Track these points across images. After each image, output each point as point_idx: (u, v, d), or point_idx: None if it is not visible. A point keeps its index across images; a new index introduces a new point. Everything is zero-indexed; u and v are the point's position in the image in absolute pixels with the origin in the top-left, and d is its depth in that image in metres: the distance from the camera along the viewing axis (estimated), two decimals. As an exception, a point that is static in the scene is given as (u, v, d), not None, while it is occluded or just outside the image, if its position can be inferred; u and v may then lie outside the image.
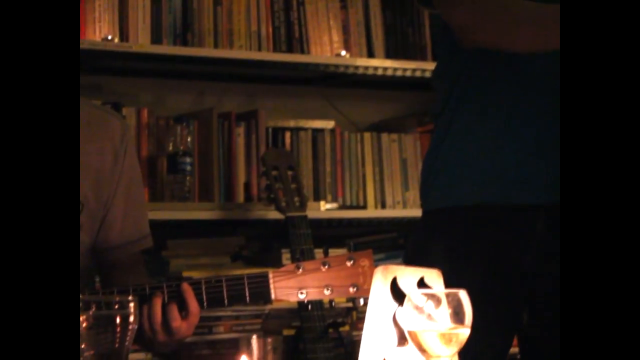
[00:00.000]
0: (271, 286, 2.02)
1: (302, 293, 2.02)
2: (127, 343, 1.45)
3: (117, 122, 2.30)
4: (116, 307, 1.44)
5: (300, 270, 2.02)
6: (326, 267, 2.03)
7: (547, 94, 2.10)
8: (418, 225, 2.33)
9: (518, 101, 2.15)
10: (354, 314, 3.57)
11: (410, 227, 3.55)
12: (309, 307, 3.01)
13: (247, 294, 2.02)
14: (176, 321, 1.99)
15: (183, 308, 2.01)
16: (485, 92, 2.18)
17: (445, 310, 1.57)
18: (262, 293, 2.03)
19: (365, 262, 2.04)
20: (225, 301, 2.02)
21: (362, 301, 2.06)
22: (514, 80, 2.15)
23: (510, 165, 2.14)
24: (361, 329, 3.01)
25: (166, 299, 2.01)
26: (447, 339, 1.56)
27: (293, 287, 2.02)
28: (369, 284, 2.00)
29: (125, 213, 2.27)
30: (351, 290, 2.03)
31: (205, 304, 2.02)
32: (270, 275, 2.02)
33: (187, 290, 2.01)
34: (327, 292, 2.03)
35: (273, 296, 2.02)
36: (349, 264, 2.04)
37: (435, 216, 2.25)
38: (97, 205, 2.23)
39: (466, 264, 2.11)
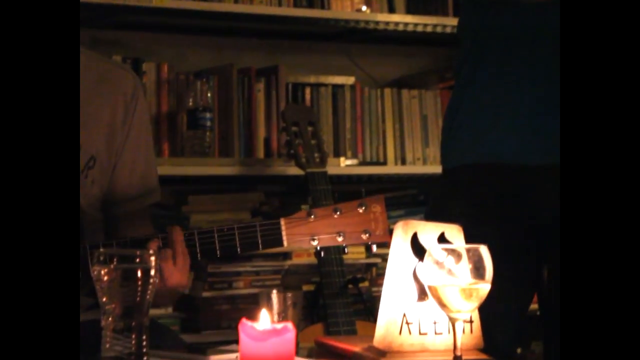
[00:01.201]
0: (283, 233, 2.01)
1: (314, 240, 2.01)
2: (148, 297, 1.45)
3: (129, 76, 2.30)
4: (137, 260, 1.44)
5: (312, 217, 2.01)
6: (338, 213, 2.01)
7: None
8: (438, 182, 2.32)
9: (537, 59, 2.13)
10: (373, 270, 3.58)
11: (431, 183, 3.55)
12: (328, 263, 3.02)
13: (259, 241, 2.02)
14: (168, 263, 1.99)
15: (172, 255, 2.01)
16: (505, 49, 2.17)
17: (465, 265, 1.57)
18: (274, 240, 2.02)
19: (377, 208, 2.02)
20: (238, 249, 2.02)
21: (375, 247, 2.05)
22: (534, 36, 2.14)
23: (527, 124, 2.13)
24: (380, 284, 3.01)
25: (161, 245, 2.01)
26: (468, 294, 1.56)
27: (305, 233, 2.01)
28: (382, 230, 2.00)
29: (132, 167, 2.27)
30: (363, 236, 2.02)
31: (218, 252, 2.02)
32: (282, 222, 2.02)
33: (176, 231, 2.00)
34: (339, 239, 2.02)
35: (285, 243, 2.02)
36: (360, 210, 2.02)
37: (455, 174, 2.24)
38: (108, 158, 2.23)
39: (485, 221, 2.10)
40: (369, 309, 3.29)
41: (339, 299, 3.00)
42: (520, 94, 2.14)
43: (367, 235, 2.01)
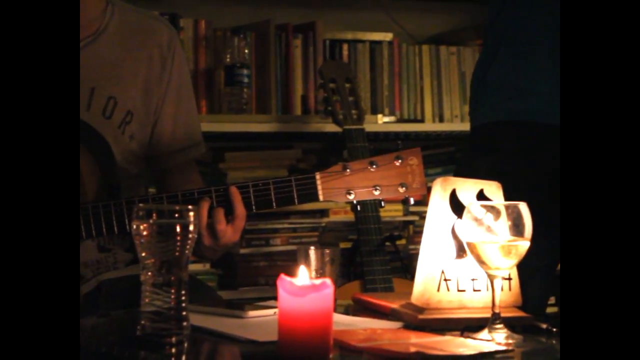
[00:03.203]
0: (319, 187, 2.00)
1: (350, 193, 1.99)
2: (187, 252, 1.46)
3: (165, 28, 2.28)
4: (176, 216, 1.45)
5: (348, 170, 1.99)
6: (374, 166, 1.99)
7: None
8: (466, 140, 2.31)
9: None
10: (410, 228, 3.57)
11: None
12: (366, 220, 3.01)
13: (295, 195, 2.01)
14: (221, 224, 1.99)
15: (230, 212, 2.01)
16: (536, 6, 2.15)
17: (504, 222, 1.56)
18: (309, 194, 2.01)
19: (413, 161, 2.00)
20: (274, 203, 2.01)
21: (412, 201, 2.03)
22: None
23: (555, 84, 2.11)
24: (417, 242, 3.01)
25: (214, 203, 2.00)
26: (507, 250, 1.55)
27: (341, 187, 2.00)
28: (419, 183, 1.98)
29: (175, 120, 2.27)
30: (400, 189, 1.99)
31: (253, 206, 2.02)
32: (318, 177, 2.00)
33: (235, 193, 2.00)
34: (375, 192, 2.00)
35: (321, 197, 2.00)
36: (397, 163, 1.99)
37: (483, 131, 2.23)
38: (147, 113, 2.23)
39: (512, 179, 2.09)
40: (405, 266, 3.29)
41: (376, 256, 3.00)
42: (551, 55, 2.12)
43: (404, 188, 1.99)
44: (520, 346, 1.55)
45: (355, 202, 2.01)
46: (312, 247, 1.85)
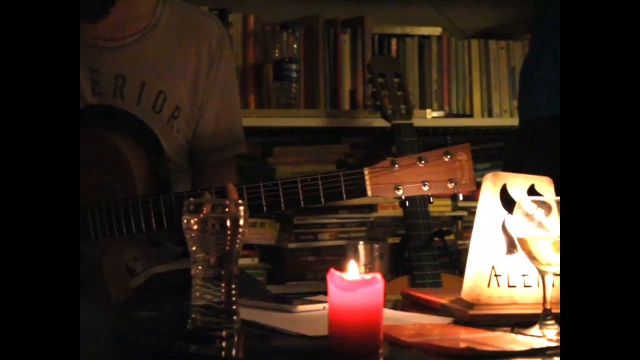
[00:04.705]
0: (367, 182, 1.99)
1: (398, 189, 1.98)
2: (237, 246, 1.46)
3: (215, 25, 2.29)
4: (227, 210, 1.45)
5: (396, 166, 1.98)
6: (422, 162, 1.98)
7: None
8: (514, 135, 2.29)
9: None
10: (459, 223, 3.56)
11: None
12: (414, 215, 3.00)
13: (343, 190, 2.00)
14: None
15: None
16: None
17: (555, 218, 1.55)
18: (357, 189, 2.00)
19: (462, 156, 1.98)
20: (322, 198, 2.01)
21: (461, 196, 2.02)
22: None
23: None
24: (466, 238, 2.99)
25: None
26: (558, 246, 1.54)
27: (389, 183, 1.98)
28: (468, 179, 1.97)
29: (218, 118, 2.28)
30: (449, 185, 1.98)
31: (302, 202, 2.01)
32: (366, 172, 2.00)
33: (232, 191, 2.01)
34: (424, 188, 1.98)
35: (369, 192, 2.00)
36: (446, 158, 1.98)
37: (532, 125, 2.22)
38: (192, 109, 2.24)
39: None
40: (454, 261, 3.27)
41: (425, 251, 2.99)
42: None
43: (453, 184, 1.98)
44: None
45: (403, 197, 2.00)
46: (361, 242, 1.85)
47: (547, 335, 1.54)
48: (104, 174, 2.05)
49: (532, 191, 1.71)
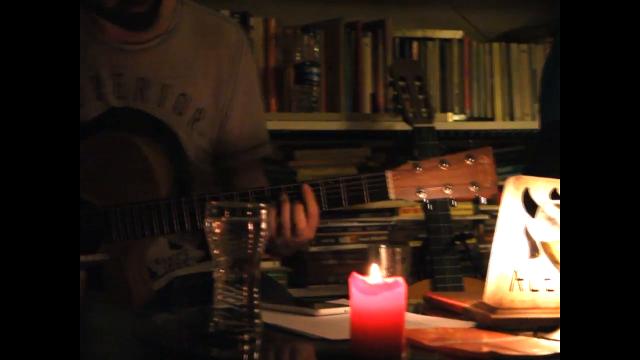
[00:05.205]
0: (389, 185, 1.99)
1: (420, 192, 1.98)
2: (259, 249, 1.46)
3: (233, 30, 2.30)
4: (249, 213, 1.45)
5: (419, 169, 1.98)
6: (445, 165, 1.98)
7: None
8: (535, 138, 2.28)
9: None
10: (480, 227, 3.55)
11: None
12: (436, 219, 3.00)
13: (365, 193, 2.00)
14: (302, 222, 1.99)
15: (304, 209, 2.01)
16: None
17: (578, 222, 1.54)
18: (380, 192, 2.00)
19: (485, 160, 1.98)
20: (344, 202, 2.01)
21: (483, 200, 2.01)
22: None
23: None
24: (488, 241, 2.98)
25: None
26: (581, 250, 1.53)
27: (411, 186, 1.98)
28: (490, 182, 1.97)
29: (242, 120, 2.28)
30: (472, 188, 1.98)
31: (325, 205, 2.01)
32: (388, 175, 2.00)
33: (307, 191, 2.00)
34: (446, 191, 1.98)
35: (392, 196, 2.00)
36: (468, 162, 1.98)
37: (553, 128, 2.21)
38: (216, 112, 2.25)
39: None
40: (476, 265, 3.26)
41: (446, 255, 2.98)
42: None
43: (476, 187, 1.98)
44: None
45: (426, 200, 2.00)
46: (383, 246, 1.84)
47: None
48: (127, 176, 2.06)
49: (554, 195, 1.70)
